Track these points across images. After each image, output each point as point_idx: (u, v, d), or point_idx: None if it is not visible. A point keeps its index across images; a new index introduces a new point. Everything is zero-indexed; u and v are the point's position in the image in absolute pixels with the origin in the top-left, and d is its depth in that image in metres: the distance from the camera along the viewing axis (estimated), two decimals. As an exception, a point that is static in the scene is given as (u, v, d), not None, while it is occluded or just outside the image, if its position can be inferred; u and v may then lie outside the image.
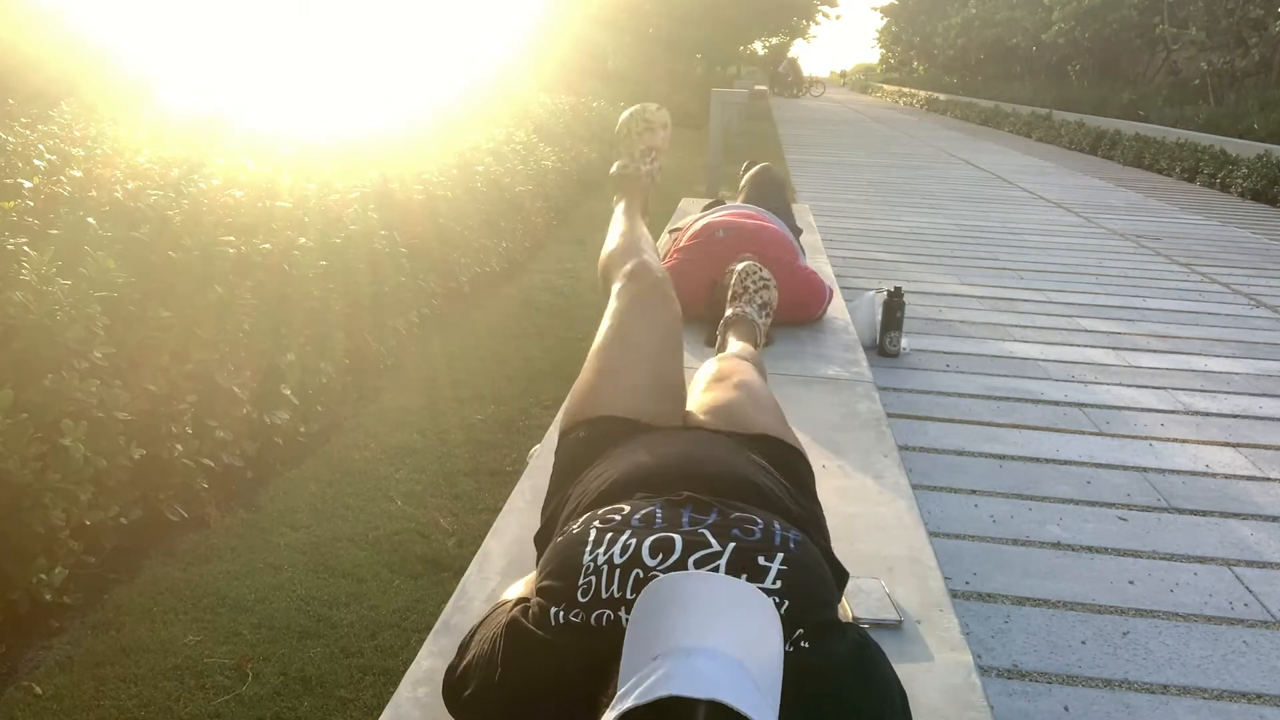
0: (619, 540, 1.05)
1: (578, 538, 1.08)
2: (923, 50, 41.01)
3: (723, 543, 1.05)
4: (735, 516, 1.11)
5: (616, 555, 1.03)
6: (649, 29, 20.05)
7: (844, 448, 2.12)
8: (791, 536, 1.10)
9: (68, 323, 2.10)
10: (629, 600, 0.99)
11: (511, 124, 7.30)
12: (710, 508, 1.13)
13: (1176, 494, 3.04)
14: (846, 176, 11.64)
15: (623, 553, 1.03)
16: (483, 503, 2.73)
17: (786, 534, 1.10)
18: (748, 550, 1.04)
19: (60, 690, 1.86)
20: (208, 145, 3.44)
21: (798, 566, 1.05)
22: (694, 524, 1.09)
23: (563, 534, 1.13)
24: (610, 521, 1.10)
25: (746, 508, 1.15)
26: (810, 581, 1.06)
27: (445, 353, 4.04)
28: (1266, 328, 5.16)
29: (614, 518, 1.11)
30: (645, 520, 1.09)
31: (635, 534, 1.06)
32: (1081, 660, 2.16)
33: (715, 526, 1.08)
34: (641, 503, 1.15)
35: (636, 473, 1.25)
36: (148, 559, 2.31)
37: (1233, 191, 11.47)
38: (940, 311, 5.15)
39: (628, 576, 1.01)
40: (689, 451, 1.31)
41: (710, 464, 1.26)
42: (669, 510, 1.12)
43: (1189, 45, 17.80)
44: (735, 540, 1.06)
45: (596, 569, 1.02)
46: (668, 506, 1.13)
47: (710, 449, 1.33)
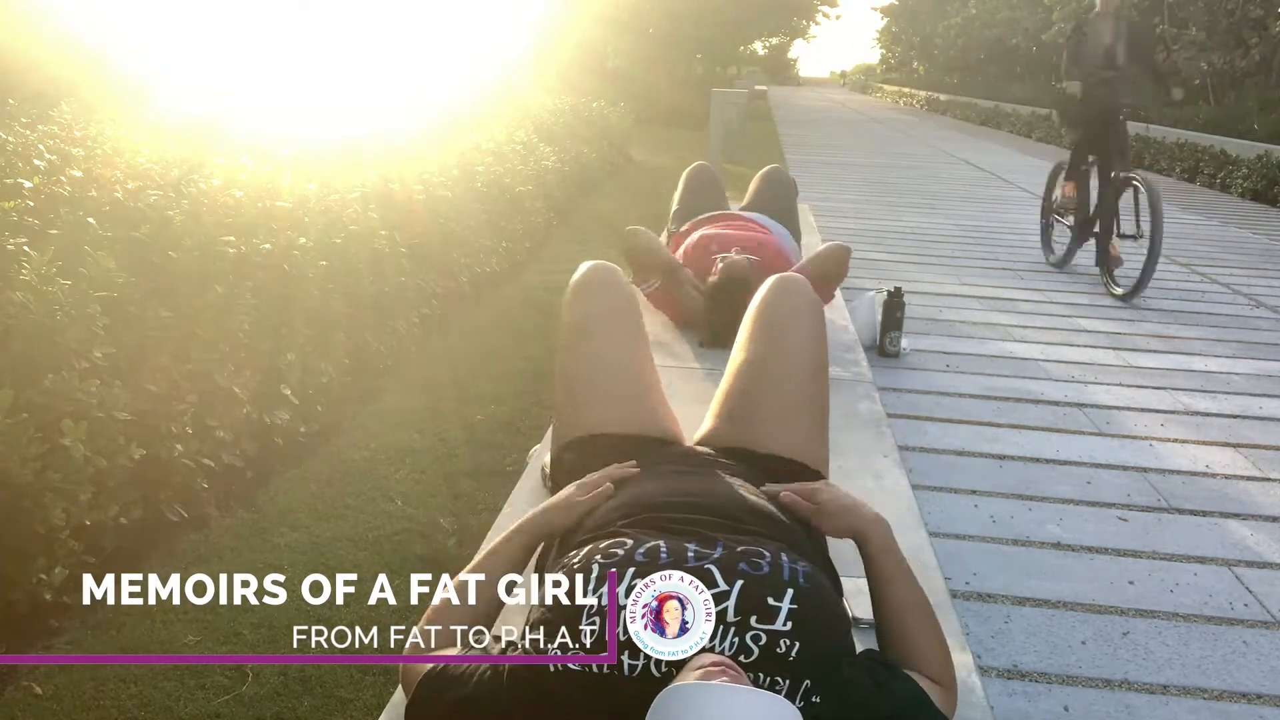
0: (622, 580, 1.02)
1: (579, 576, 1.04)
2: (923, 50, 41.00)
3: (729, 580, 1.02)
4: (741, 550, 1.07)
5: (620, 597, 1.00)
6: (649, 28, 20.05)
7: (844, 448, 2.12)
8: (800, 569, 1.06)
9: (68, 323, 2.10)
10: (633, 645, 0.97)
11: (512, 124, 7.30)
12: (714, 541, 1.09)
13: (1176, 494, 3.04)
14: (846, 176, 11.64)
15: (627, 594, 1.00)
16: (483, 503, 2.73)
17: (795, 566, 1.07)
18: (756, 588, 1.01)
19: (60, 690, 1.86)
20: (208, 145, 3.43)
21: (810, 605, 1.02)
22: (699, 559, 1.05)
23: (563, 566, 1.09)
24: (613, 556, 1.06)
25: (753, 538, 1.12)
26: (822, 619, 1.03)
27: (445, 353, 4.04)
28: (1266, 328, 5.16)
29: (616, 552, 1.07)
30: (649, 555, 1.06)
31: (640, 572, 1.02)
32: (1081, 660, 2.15)
33: (721, 561, 1.05)
34: (645, 535, 1.11)
35: (638, 501, 1.22)
36: (148, 559, 2.31)
37: (1233, 192, 11.46)
38: (940, 311, 5.15)
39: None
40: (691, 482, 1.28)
41: (713, 495, 1.23)
42: (673, 543, 1.08)
43: (1189, 45, 17.79)
44: (743, 577, 1.02)
45: (600, 610, 1.00)
46: (671, 539, 1.09)
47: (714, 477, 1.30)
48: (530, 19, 15.47)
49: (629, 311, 1.57)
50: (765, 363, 1.52)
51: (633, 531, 1.13)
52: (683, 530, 1.13)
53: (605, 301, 1.55)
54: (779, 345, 1.52)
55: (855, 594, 1.48)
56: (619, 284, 1.59)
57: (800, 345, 1.52)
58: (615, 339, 1.52)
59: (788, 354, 1.51)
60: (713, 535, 1.11)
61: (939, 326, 4.87)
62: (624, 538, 1.11)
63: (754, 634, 0.98)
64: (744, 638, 0.98)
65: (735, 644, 0.98)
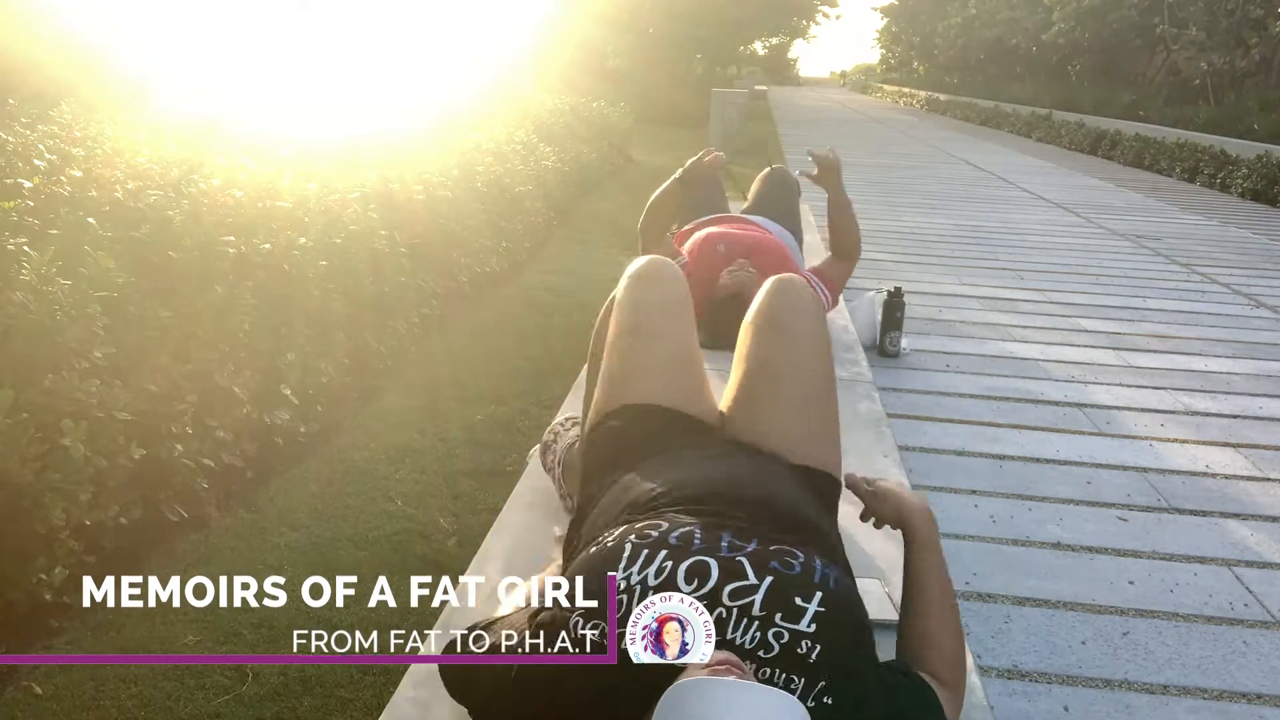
0: (654, 560, 1.03)
1: (612, 552, 1.05)
2: (923, 50, 40.99)
3: (760, 575, 1.02)
4: (775, 549, 1.08)
5: (651, 576, 1.01)
6: (649, 28, 20.05)
7: (844, 448, 2.11)
8: (832, 575, 1.06)
9: (68, 323, 2.10)
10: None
11: (512, 124, 7.30)
12: (750, 535, 1.10)
13: (1176, 494, 3.04)
14: (846, 176, 11.61)
15: (658, 574, 1.01)
16: (483, 503, 2.73)
17: (827, 571, 1.06)
18: (784, 587, 1.02)
19: (60, 690, 1.86)
20: (208, 145, 3.43)
21: (836, 609, 1.02)
22: (733, 550, 1.05)
23: (597, 543, 1.10)
24: (647, 537, 1.07)
25: (789, 538, 1.12)
26: (848, 625, 1.03)
27: (445, 353, 4.04)
28: (1266, 328, 5.16)
29: (651, 534, 1.08)
30: (683, 540, 1.06)
31: (672, 555, 1.03)
32: (1081, 660, 2.15)
33: (754, 556, 1.05)
34: (681, 519, 1.11)
35: (678, 486, 1.21)
36: (148, 559, 2.31)
37: (1233, 192, 11.46)
38: (940, 311, 5.15)
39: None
40: (734, 472, 1.28)
41: (754, 487, 1.23)
42: (708, 533, 1.08)
43: (1189, 45, 17.80)
44: (773, 574, 1.03)
45: (629, 587, 1.01)
46: (707, 529, 1.09)
47: (755, 471, 1.30)
48: (530, 19, 15.47)
49: (685, 304, 1.59)
50: (771, 362, 1.50)
51: (670, 514, 1.14)
52: (720, 520, 1.13)
53: (664, 290, 1.57)
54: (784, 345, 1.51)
55: (862, 593, 1.48)
56: (676, 277, 1.60)
57: (806, 345, 1.51)
58: (672, 326, 1.54)
59: (793, 353, 1.50)
60: (750, 529, 1.11)
61: (939, 326, 4.87)
62: (660, 520, 1.11)
63: (776, 631, 0.98)
64: (766, 634, 0.98)
65: (756, 638, 0.98)
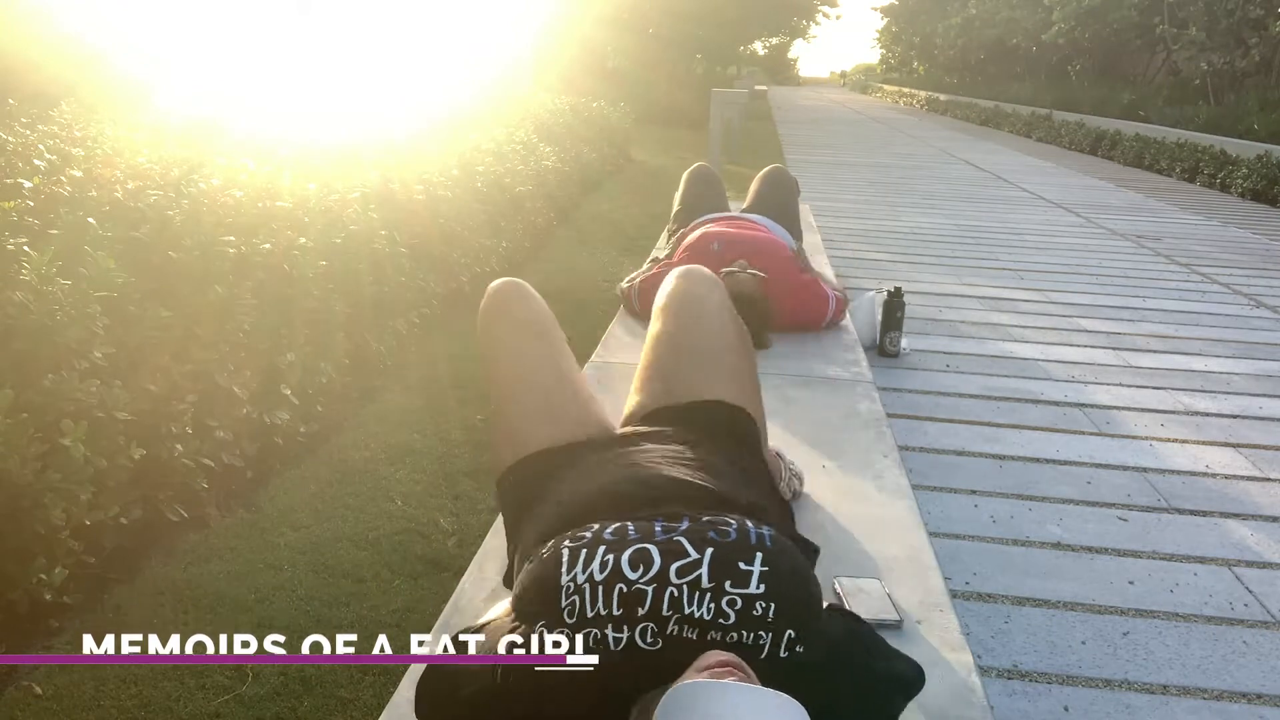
0: (595, 557, 1.04)
1: (551, 561, 1.06)
2: (923, 50, 40.99)
3: (700, 549, 1.04)
4: (707, 520, 1.11)
5: (596, 572, 1.02)
6: (649, 28, 20.05)
7: (844, 448, 2.12)
8: (765, 533, 1.10)
9: (68, 323, 2.10)
10: (615, 617, 0.99)
11: (512, 124, 7.29)
12: (680, 516, 1.12)
13: (1176, 494, 3.04)
14: (846, 176, 11.64)
15: (602, 569, 1.02)
16: (483, 503, 2.73)
17: (760, 530, 1.10)
18: (726, 554, 1.04)
19: (60, 690, 1.86)
20: (208, 145, 3.43)
21: (778, 563, 1.05)
22: (668, 532, 1.08)
23: (533, 560, 1.11)
24: (581, 540, 1.08)
25: (714, 511, 1.15)
26: (793, 577, 1.06)
27: (446, 353, 4.04)
28: (1266, 328, 5.16)
29: (584, 535, 1.09)
30: (618, 534, 1.08)
31: (611, 549, 1.05)
32: (1081, 660, 2.16)
33: (689, 533, 1.07)
34: (610, 520, 1.13)
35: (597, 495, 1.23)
36: (148, 559, 2.31)
37: (1233, 192, 11.47)
38: (940, 311, 5.15)
39: (611, 592, 1.00)
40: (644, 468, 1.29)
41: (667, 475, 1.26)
42: (640, 524, 1.11)
43: (1189, 45, 17.79)
44: (712, 545, 1.05)
45: (578, 588, 1.01)
46: (637, 520, 1.12)
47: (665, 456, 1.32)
48: (531, 19, 15.47)
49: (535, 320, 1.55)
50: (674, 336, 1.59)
51: (597, 520, 1.16)
52: (650, 511, 1.16)
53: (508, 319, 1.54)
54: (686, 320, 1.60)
55: (855, 593, 1.48)
56: (520, 296, 1.57)
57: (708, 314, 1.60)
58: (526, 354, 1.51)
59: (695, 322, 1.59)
60: (678, 511, 1.14)
61: (939, 326, 4.87)
62: (590, 524, 1.13)
63: (729, 598, 1.01)
64: (720, 603, 1.01)
65: (712, 609, 1.00)
